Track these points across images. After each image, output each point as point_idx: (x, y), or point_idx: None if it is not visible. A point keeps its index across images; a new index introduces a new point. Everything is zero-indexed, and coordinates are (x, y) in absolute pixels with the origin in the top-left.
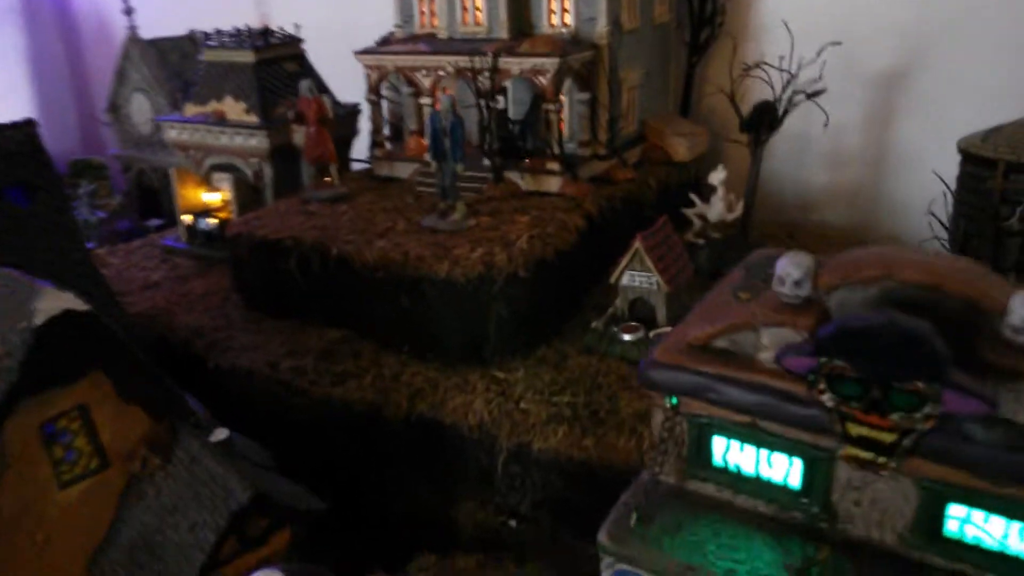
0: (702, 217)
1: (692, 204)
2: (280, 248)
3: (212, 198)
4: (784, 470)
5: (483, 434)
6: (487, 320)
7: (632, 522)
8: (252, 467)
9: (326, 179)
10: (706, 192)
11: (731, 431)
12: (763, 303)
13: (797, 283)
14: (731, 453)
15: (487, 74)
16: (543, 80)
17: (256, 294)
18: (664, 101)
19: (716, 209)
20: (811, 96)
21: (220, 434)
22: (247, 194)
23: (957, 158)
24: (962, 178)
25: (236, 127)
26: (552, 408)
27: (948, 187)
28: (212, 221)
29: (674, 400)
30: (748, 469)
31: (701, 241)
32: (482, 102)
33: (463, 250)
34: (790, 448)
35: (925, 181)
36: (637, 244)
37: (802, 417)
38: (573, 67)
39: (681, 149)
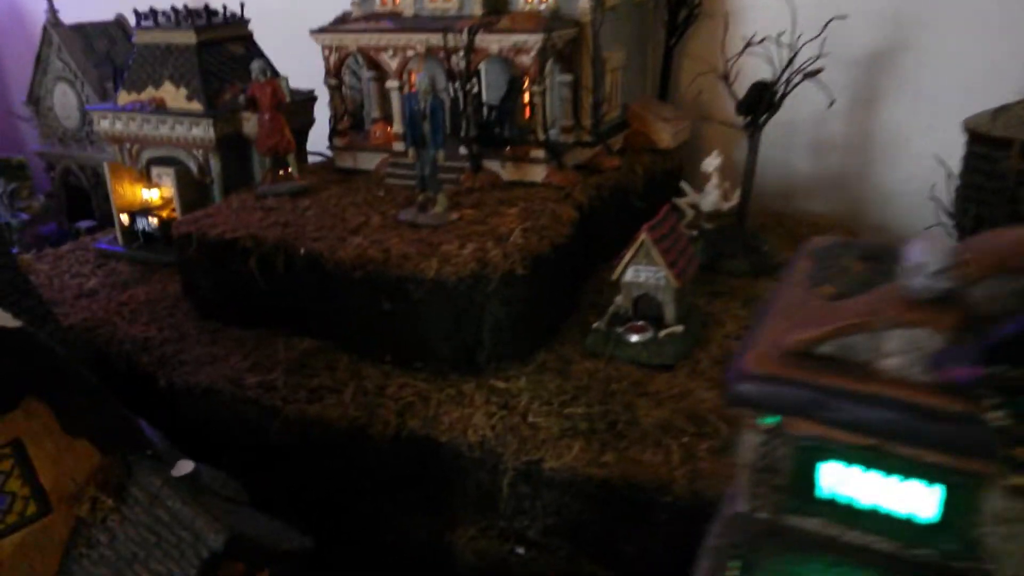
0: (694, 207)
1: (681, 193)
2: (237, 248)
3: (152, 195)
4: (914, 501)
5: (485, 452)
6: (481, 323)
7: (734, 573)
8: (223, 503)
9: (282, 172)
10: (700, 180)
11: (847, 455)
12: (883, 298)
13: (936, 273)
14: (844, 482)
15: (462, 53)
16: (525, 59)
17: (210, 301)
18: (643, 85)
19: (710, 198)
20: (809, 75)
21: (184, 467)
22: (192, 190)
23: (946, 141)
24: (970, 160)
25: (177, 115)
26: (564, 421)
27: (951, 171)
28: (153, 221)
29: (774, 420)
30: (864, 500)
31: (694, 232)
32: (457, 85)
33: (451, 246)
34: (926, 474)
35: (913, 166)
36: (644, 236)
37: (949, 437)
38: (556, 45)
39: (666, 135)
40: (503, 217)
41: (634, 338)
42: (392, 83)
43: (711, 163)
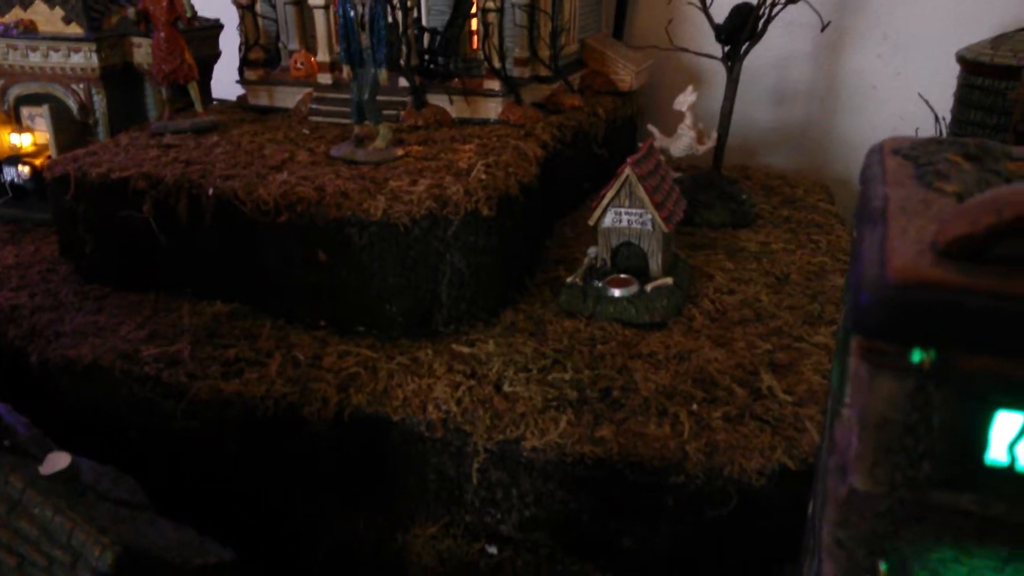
0: (664, 152)
1: (645, 137)
2: (128, 191)
3: (22, 141)
4: None
5: (449, 432)
6: (439, 276)
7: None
8: (112, 509)
9: (183, 110)
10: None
11: None
12: None
13: None
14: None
15: None
16: None
17: (95, 260)
18: (598, 20)
19: (683, 141)
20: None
21: (57, 462)
22: (72, 132)
23: (915, 87)
24: (967, 95)
25: (52, 41)
26: (548, 390)
27: (938, 115)
28: (24, 171)
29: (932, 354)
30: None
31: None
32: (396, 2)
33: (401, 183)
34: None
35: (881, 115)
36: (628, 172)
37: None
38: None
39: (627, 76)
40: (458, 153)
41: (617, 293)
42: (317, 0)
43: (685, 100)
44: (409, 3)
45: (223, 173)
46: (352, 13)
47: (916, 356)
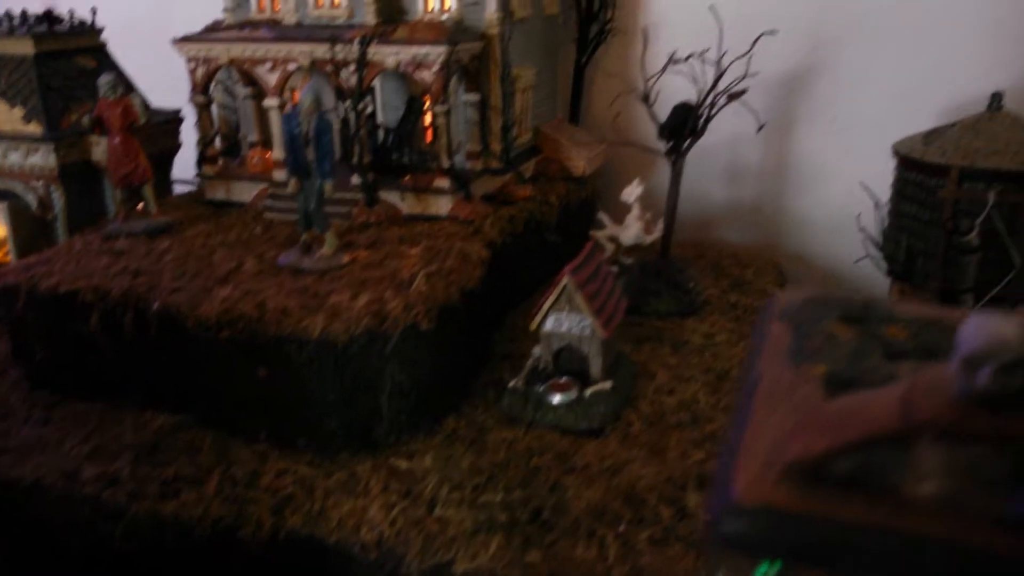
0: (614, 240)
1: (599, 225)
2: (77, 303)
3: None
4: None
5: (383, 554)
6: (379, 390)
7: None
8: None
9: (140, 206)
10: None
11: None
12: (918, 392)
13: (1007, 368)
14: None
15: (353, 68)
16: (426, 75)
17: (44, 367)
18: (554, 106)
19: (632, 231)
20: (734, 97)
21: None
22: (31, 229)
23: (865, 166)
24: (902, 187)
25: (11, 140)
26: (479, 512)
27: (878, 200)
28: None
29: (775, 567)
30: None
31: (615, 268)
32: (348, 104)
33: (342, 297)
34: None
35: (831, 193)
36: (566, 280)
37: None
38: (461, 60)
39: (580, 162)
40: (404, 259)
41: (557, 399)
42: (271, 101)
43: (632, 192)
44: (360, 106)
45: (169, 286)
46: (297, 129)
47: (762, 568)
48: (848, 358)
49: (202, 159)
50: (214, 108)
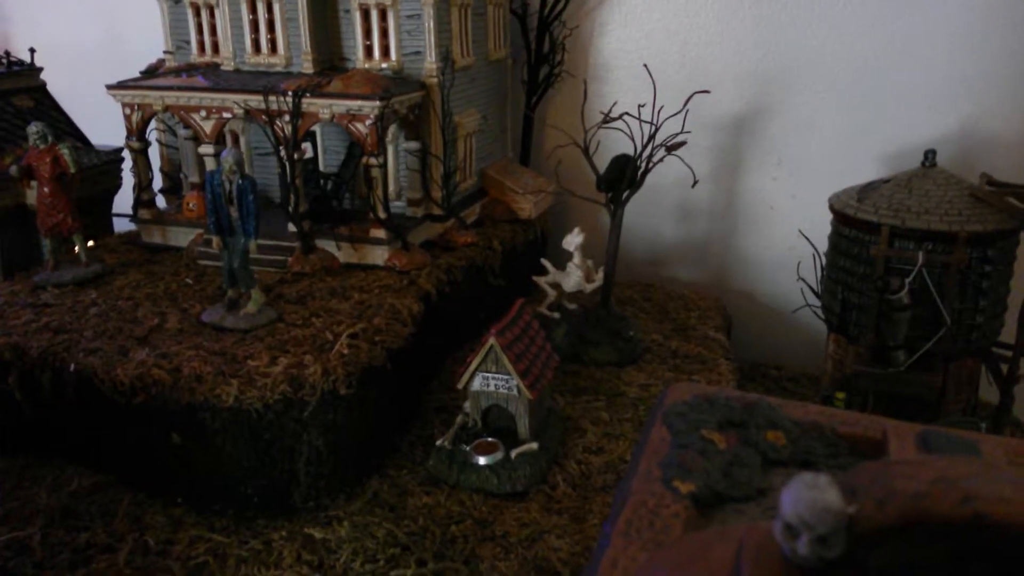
0: (556, 287)
1: (543, 270)
2: None
3: None
4: None
5: None
6: (296, 456)
7: None
8: None
9: (74, 252)
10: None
11: None
12: (756, 553)
13: (822, 539)
14: None
15: (287, 118)
16: (361, 128)
17: None
18: (502, 147)
19: (573, 278)
20: (671, 150)
21: None
22: None
23: (811, 210)
24: (837, 242)
25: None
26: None
27: (817, 250)
28: None
29: None
30: None
31: (556, 315)
32: (283, 153)
33: (259, 361)
34: None
35: (778, 234)
36: (492, 341)
37: None
38: (398, 111)
39: (526, 205)
40: (331, 316)
41: (482, 460)
42: (206, 148)
43: (572, 241)
44: (294, 154)
45: (87, 346)
46: (219, 188)
47: None
48: (722, 470)
49: (137, 204)
50: (157, 147)
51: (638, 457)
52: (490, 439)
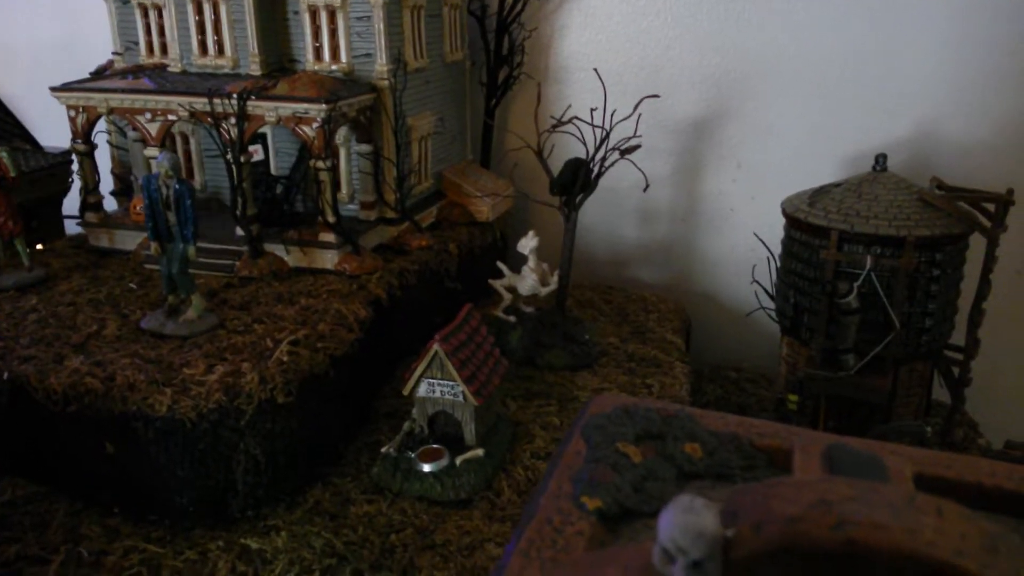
0: (512, 290)
1: (499, 273)
2: None
3: None
4: None
5: None
6: (233, 465)
7: None
8: None
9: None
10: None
11: None
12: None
13: (698, 564)
14: None
15: (233, 121)
16: (308, 131)
17: None
18: (462, 148)
19: (528, 282)
20: (625, 154)
21: None
22: None
23: (769, 212)
24: (789, 245)
25: None
26: None
27: (772, 253)
28: None
29: None
30: None
31: (512, 318)
32: (230, 156)
33: (195, 370)
34: None
35: (739, 236)
36: (436, 347)
37: None
38: (347, 114)
39: (484, 207)
40: (275, 322)
41: (427, 467)
42: (152, 151)
43: (526, 244)
44: (241, 157)
45: (23, 353)
46: (156, 194)
47: None
48: (633, 484)
49: (84, 207)
50: (108, 149)
51: (551, 472)
52: (436, 446)
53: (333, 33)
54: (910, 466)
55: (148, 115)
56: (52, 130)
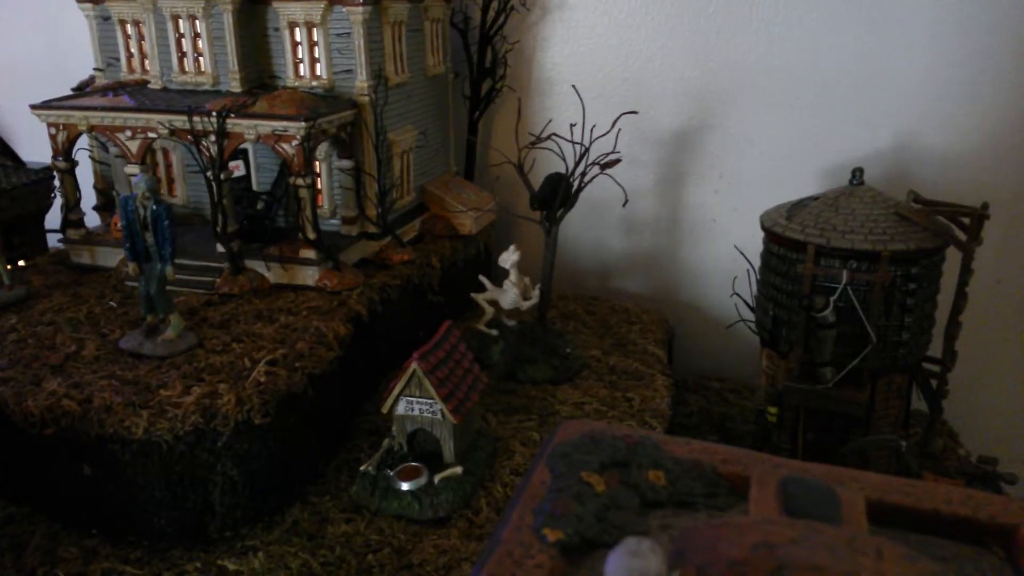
0: (494, 303)
1: (482, 287)
2: None
3: None
4: None
5: None
6: (210, 486)
7: None
8: None
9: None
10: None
11: None
12: None
13: None
14: None
15: (213, 138)
16: (287, 148)
17: None
18: (445, 162)
19: (510, 295)
20: (605, 168)
21: None
22: None
23: (751, 224)
24: (768, 259)
25: None
26: None
27: (752, 265)
28: None
29: None
30: None
31: (494, 332)
32: (210, 173)
33: (173, 391)
34: None
35: (721, 246)
36: (414, 366)
37: None
38: (327, 131)
39: (467, 221)
40: (254, 341)
41: (405, 486)
42: (132, 168)
43: (508, 259)
44: (221, 174)
45: (1, 375)
46: (133, 215)
47: None
48: (596, 514)
49: (66, 223)
50: (91, 164)
51: (515, 503)
52: (415, 464)
53: (313, 49)
54: (864, 497)
55: (128, 132)
56: (35, 145)
